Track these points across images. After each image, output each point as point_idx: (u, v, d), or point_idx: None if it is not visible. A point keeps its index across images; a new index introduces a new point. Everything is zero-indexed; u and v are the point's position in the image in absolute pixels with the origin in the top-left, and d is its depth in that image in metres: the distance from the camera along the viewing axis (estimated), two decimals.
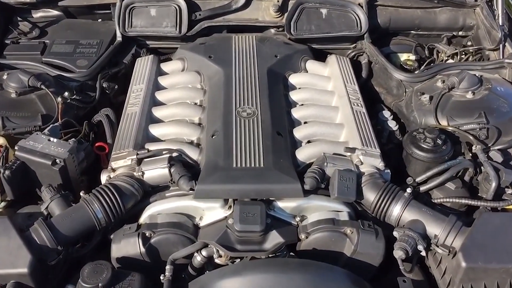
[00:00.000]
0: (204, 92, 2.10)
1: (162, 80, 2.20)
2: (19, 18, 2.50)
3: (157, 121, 1.99)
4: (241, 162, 1.67)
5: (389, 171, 1.77)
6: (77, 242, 1.63)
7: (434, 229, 1.57)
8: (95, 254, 1.64)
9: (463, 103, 2.03)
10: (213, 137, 1.82)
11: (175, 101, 2.08)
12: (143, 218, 1.67)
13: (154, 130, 1.92)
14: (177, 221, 1.61)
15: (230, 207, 1.62)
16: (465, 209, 1.76)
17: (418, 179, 1.79)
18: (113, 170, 1.75)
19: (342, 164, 1.71)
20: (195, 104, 2.05)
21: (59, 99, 1.98)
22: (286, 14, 2.42)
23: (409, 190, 1.66)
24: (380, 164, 1.76)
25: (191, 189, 1.61)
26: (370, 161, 1.75)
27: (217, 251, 1.57)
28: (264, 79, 2.06)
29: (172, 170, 1.66)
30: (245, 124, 1.82)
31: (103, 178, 1.77)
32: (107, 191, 1.61)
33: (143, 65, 2.27)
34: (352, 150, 1.78)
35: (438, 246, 1.54)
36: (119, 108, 2.06)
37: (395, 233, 1.59)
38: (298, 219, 1.65)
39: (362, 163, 1.74)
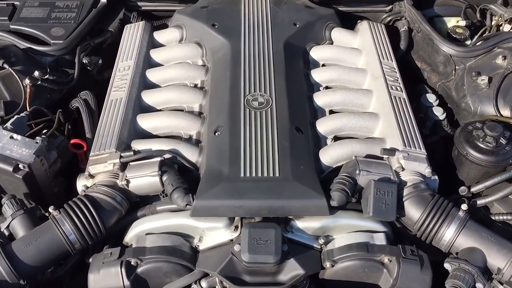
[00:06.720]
0: (206, 70, 1.83)
1: (155, 54, 1.92)
2: None
3: (147, 109, 1.73)
4: (250, 170, 1.41)
5: (436, 177, 1.48)
6: (48, 268, 1.39)
7: (497, 260, 1.32)
8: (73, 274, 1.45)
9: None
10: (216, 134, 1.53)
11: (170, 82, 1.81)
12: (129, 238, 1.44)
13: (144, 121, 1.65)
14: (170, 244, 1.37)
15: (236, 227, 1.40)
16: None
17: (474, 189, 1.53)
18: (91, 176, 1.47)
19: (379, 171, 1.43)
20: (195, 86, 1.79)
21: (27, 80, 1.69)
22: None
23: (464, 207, 1.39)
24: (426, 170, 1.46)
25: (188, 205, 1.37)
26: (414, 167, 1.47)
27: (221, 282, 1.34)
28: (281, 55, 1.79)
29: (164, 179, 1.42)
30: (256, 118, 1.55)
31: (79, 186, 1.48)
32: (81, 207, 1.35)
33: (132, 35, 1.98)
34: (392, 152, 1.50)
35: (502, 284, 1.32)
36: (107, 86, 1.75)
37: (446, 265, 1.35)
38: (322, 241, 1.41)
39: (403, 169, 1.47)
